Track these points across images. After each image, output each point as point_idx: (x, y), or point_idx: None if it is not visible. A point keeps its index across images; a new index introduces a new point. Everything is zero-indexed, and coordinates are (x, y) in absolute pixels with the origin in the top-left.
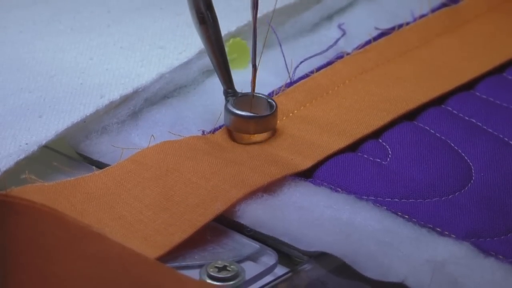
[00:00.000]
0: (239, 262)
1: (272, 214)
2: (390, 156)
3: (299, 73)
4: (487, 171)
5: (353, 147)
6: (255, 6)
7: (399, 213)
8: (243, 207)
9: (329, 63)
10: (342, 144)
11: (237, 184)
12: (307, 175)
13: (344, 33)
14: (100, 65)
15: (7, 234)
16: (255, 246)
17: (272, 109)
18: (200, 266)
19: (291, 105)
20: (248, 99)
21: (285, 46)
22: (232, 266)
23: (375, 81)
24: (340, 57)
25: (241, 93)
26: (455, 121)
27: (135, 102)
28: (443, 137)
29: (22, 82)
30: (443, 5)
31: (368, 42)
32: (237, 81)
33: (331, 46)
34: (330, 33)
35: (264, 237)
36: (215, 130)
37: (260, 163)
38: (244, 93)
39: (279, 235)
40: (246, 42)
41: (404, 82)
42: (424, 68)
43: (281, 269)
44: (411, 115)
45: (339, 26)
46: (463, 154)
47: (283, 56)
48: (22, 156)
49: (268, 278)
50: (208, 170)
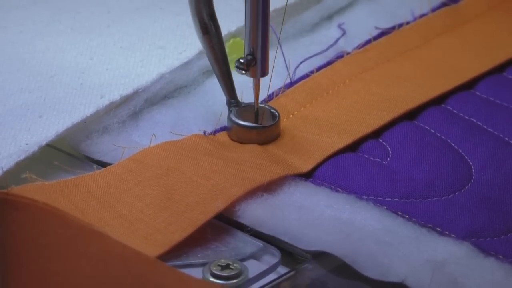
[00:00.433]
0: (242, 260)
1: (272, 214)
2: (390, 155)
3: (299, 73)
4: (487, 171)
5: (353, 147)
6: (258, 83)
7: (399, 213)
8: (243, 207)
9: (329, 63)
10: (342, 144)
11: (238, 182)
12: (307, 175)
13: (344, 33)
14: (100, 65)
15: (8, 232)
16: (258, 244)
17: (275, 119)
18: (203, 265)
19: (291, 106)
20: (251, 109)
21: (285, 46)
22: (235, 265)
23: (375, 80)
24: (340, 56)
25: (244, 103)
26: (455, 121)
27: (136, 102)
28: (443, 137)
29: (22, 82)
30: (443, 5)
31: (368, 42)
32: (237, 81)
33: (331, 46)
34: (330, 33)
35: (267, 235)
36: (216, 131)
37: (261, 163)
38: (247, 103)
39: (279, 234)
40: None
41: (404, 82)
42: (424, 67)
43: (284, 267)
44: (411, 115)
45: (339, 26)
46: (463, 154)
47: (283, 56)
48: (22, 157)
49: (271, 277)
50: (209, 169)
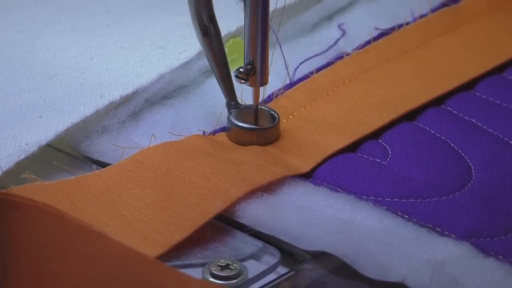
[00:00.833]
0: (242, 260)
1: (272, 214)
2: (390, 156)
3: (299, 73)
4: (487, 171)
5: (353, 147)
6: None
7: (399, 213)
8: (243, 207)
9: (329, 64)
10: (342, 144)
11: (237, 183)
12: (307, 175)
13: (344, 33)
14: (100, 65)
15: (8, 233)
16: (258, 244)
17: (275, 121)
18: (203, 265)
19: (291, 107)
20: (251, 111)
21: (285, 46)
22: (234, 265)
23: (375, 81)
24: (340, 57)
25: (244, 105)
26: (455, 121)
27: (135, 103)
28: (443, 137)
29: (22, 82)
30: (443, 5)
31: (368, 42)
32: (236, 83)
33: (331, 47)
34: (330, 33)
35: (266, 235)
36: (216, 132)
37: (260, 163)
38: (247, 105)
39: (279, 234)
40: None
41: (404, 83)
42: (424, 68)
43: (284, 267)
44: (411, 115)
45: (339, 26)
46: (463, 154)
47: (283, 56)
48: (22, 157)
49: (270, 277)
50: (208, 169)
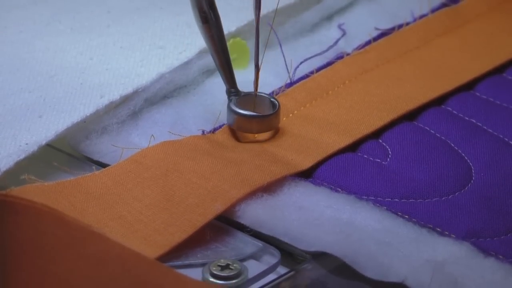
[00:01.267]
0: (242, 260)
1: (272, 214)
2: (390, 156)
3: (299, 73)
4: (487, 171)
5: (353, 147)
6: (258, 6)
7: (399, 213)
8: (243, 207)
9: (329, 64)
10: (342, 144)
11: (237, 184)
12: (307, 175)
13: (344, 33)
14: (100, 65)
15: (7, 234)
16: (258, 244)
17: (275, 108)
18: (203, 265)
19: (291, 106)
20: (251, 99)
21: (285, 46)
22: (234, 265)
23: (375, 81)
24: (340, 57)
25: (244, 92)
26: (455, 121)
27: (135, 102)
28: (443, 137)
29: (22, 82)
30: (443, 5)
31: (368, 43)
32: (237, 81)
33: (331, 47)
34: (330, 33)
35: (266, 235)
36: (215, 129)
37: (260, 163)
38: (247, 93)
39: (279, 235)
40: (246, 42)
41: (404, 83)
42: (424, 68)
43: (284, 267)
44: (411, 115)
45: (339, 26)
46: (463, 154)
47: (283, 56)
48: (22, 157)
49: (270, 277)
50: (208, 170)
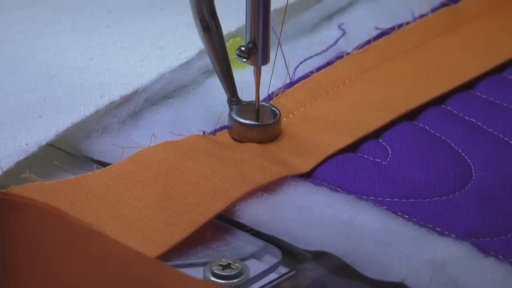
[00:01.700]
0: (243, 260)
1: (272, 214)
2: (390, 156)
3: (299, 73)
4: (487, 171)
5: (353, 147)
6: (258, 73)
7: (399, 213)
8: (243, 207)
9: (329, 63)
10: (342, 144)
11: (237, 183)
12: (307, 175)
13: (344, 33)
14: (100, 65)
15: (8, 232)
16: (259, 244)
17: (276, 117)
18: (204, 264)
19: (291, 106)
20: (252, 108)
21: (285, 46)
22: (236, 264)
23: (375, 81)
24: (340, 57)
25: (245, 101)
26: (455, 121)
27: (136, 102)
28: (443, 137)
29: (22, 82)
30: (443, 5)
31: (368, 42)
32: (237, 81)
33: (331, 46)
34: (330, 33)
35: (267, 235)
36: (216, 131)
37: (261, 163)
38: (248, 102)
39: (279, 234)
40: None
41: (404, 82)
42: (424, 68)
43: (285, 267)
44: (411, 115)
45: (339, 26)
46: (463, 154)
47: (284, 57)
48: (22, 157)
49: (271, 276)
50: (209, 169)
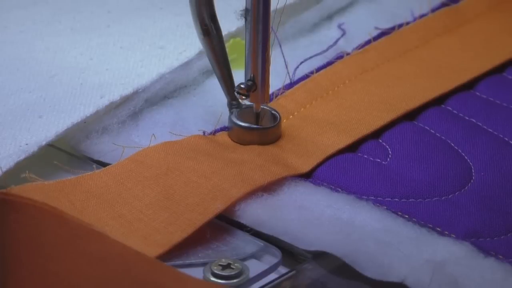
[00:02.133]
0: (243, 260)
1: (272, 214)
2: (390, 156)
3: (299, 73)
4: (487, 171)
5: (353, 147)
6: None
7: (399, 213)
8: (243, 207)
9: (329, 64)
10: (342, 144)
11: (237, 183)
12: (307, 175)
13: (344, 33)
14: (100, 65)
15: (8, 233)
16: (259, 244)
17: (276, 120)
18: (204, 264)
19: (291, 107)
20: (252, 111)
21: (285, 46)
22: (236, 264)
23: (375, 81)
24: (340, 57)
25: (245, 104)
26: (455, 121)
27: (135, 103)
28: (443, 137)
29: (22, 82)
30: (443, 5)
31: (368, 42)
32: (237, 80)
33: (331, 46)
34: (330, 33)
35: (267, 235)
36: (216, 131)
37: (261, 163)
38: (248, 105)
39: (279, 234)
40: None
41: (404, 82)
42: (424, 68)
43: (285, 267)
44: (411, 115)
45: (339, 26)
46: (463, 154)
47: (283, 57)
48: (22, 157)
49: (271, 276)
50: (209, 169)
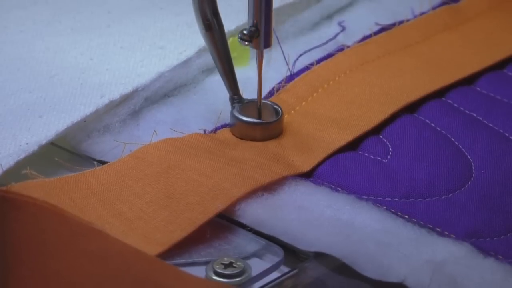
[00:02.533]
0: (245, 258)
1: (272, 214)
2: (390, 153)
3: (299, 66)
4: (488, 168)
5: (354, 143)
6: (261, 56)
7: (399, 213)
8: (243, 206)
9: (329, 56)
10: (343, 141)
11: (238, 182)
12: (307, 174)
13: (343, 29)
14: (100, 65)
15: (8, 230)
16: (261, 242)
17: (278, 115)
18: (206, 263)
19: (292, 102)
20: (254, 106)
21: (285, 45)
22: (238, 263)
23: (376, 72)
24: (340, 50)
25: (247, 99)
26: (455, 115)
27: (136, 101)
28: (443, 131)
29: (22, 82)
30: (444, 4)
31: (369, 37)
32: (238, 78)
33: (330, 40)
34: (331, 31)
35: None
36: (217, 129)
37: (262, 162)
38: (250, 100)
39: (279, 234)
40: None
41: (405, 74)
42: (425, 61)
43: (287, 266)
44: (411, 107)
45: (339, 24)
46: (464, 150)
47: (282, 50)
48: (22, 156)
49: (274, 275)
50: (209, 168)
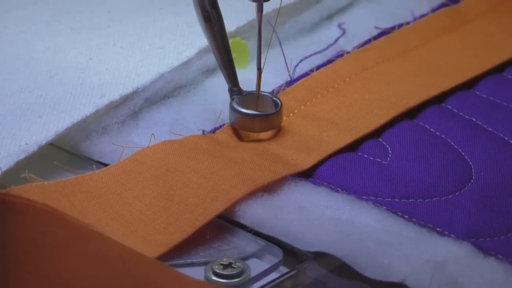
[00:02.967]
0: (245, 259)
1: (272, 214)
2: (390, 155)
3: (299, 71)
4: (488, 171)
5: (353, 146)
6: (260, 10)
7: (399, 213)
8: (243, 207)
9: (329, 62)
10: (342, 143)
11: (237, 183)
12: (307, 175)
13: (344, 33)
14: (100, 65)
15: (7, 233)
16: (260, 243)
17: (277, 107)
18: (205, 263)
19: (291, 104)
20: (253, 98)
21: (285, 46)
22: (237, 263)
23: (375, 79)
24: (340, 55)
25: (246, 91)
26: (455, 120)
27: (135, 102)
28: (443, 136)
29: (22, 82)
30: (443, 5)
31: (368, 41)
32: (239, 81)
33: (331, 45)
34: (330, 32)
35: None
36: (215, 129)
37: (261, 162)
38: (249, 92)
39: (279, 235)
40: (246, 42)
41: (404, 80)
42: (424, 66)
43: (286, 266)
44: (411, 114)
45: (339, 26)
46: (463, 154)
47: (283, 55)
48: (22, 156)
49: (273, 276)
50: (209, 169)
